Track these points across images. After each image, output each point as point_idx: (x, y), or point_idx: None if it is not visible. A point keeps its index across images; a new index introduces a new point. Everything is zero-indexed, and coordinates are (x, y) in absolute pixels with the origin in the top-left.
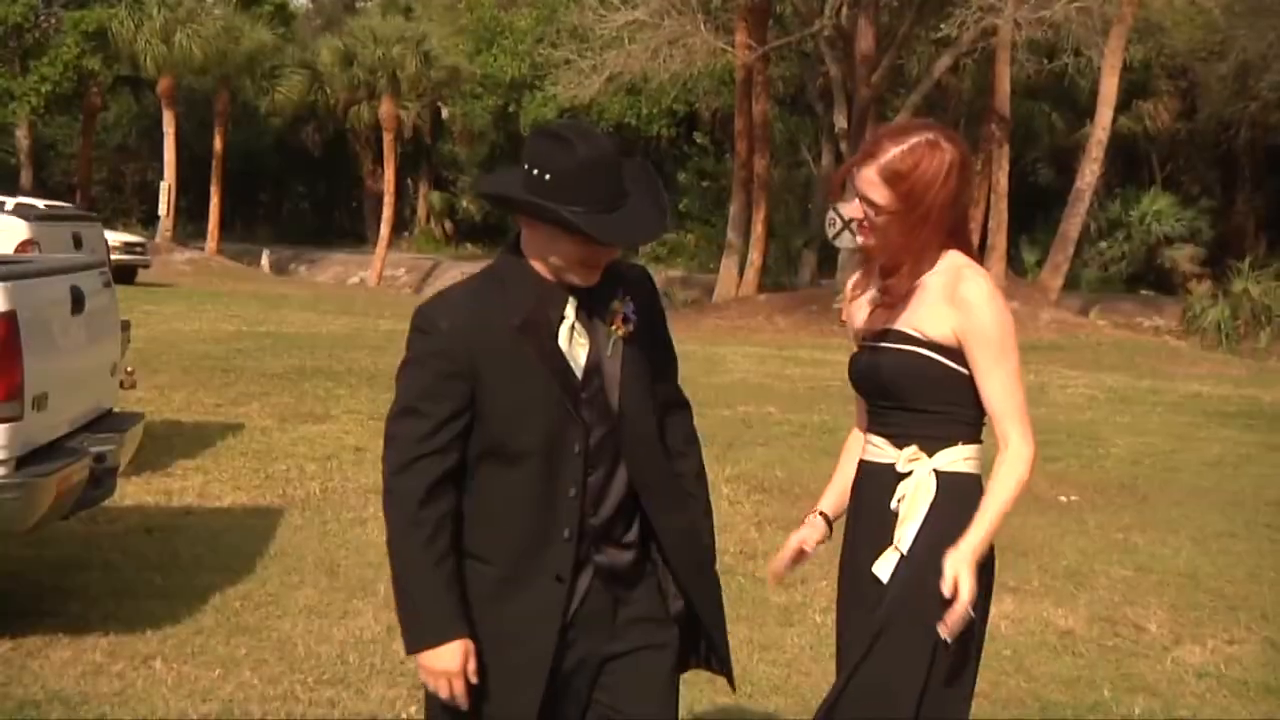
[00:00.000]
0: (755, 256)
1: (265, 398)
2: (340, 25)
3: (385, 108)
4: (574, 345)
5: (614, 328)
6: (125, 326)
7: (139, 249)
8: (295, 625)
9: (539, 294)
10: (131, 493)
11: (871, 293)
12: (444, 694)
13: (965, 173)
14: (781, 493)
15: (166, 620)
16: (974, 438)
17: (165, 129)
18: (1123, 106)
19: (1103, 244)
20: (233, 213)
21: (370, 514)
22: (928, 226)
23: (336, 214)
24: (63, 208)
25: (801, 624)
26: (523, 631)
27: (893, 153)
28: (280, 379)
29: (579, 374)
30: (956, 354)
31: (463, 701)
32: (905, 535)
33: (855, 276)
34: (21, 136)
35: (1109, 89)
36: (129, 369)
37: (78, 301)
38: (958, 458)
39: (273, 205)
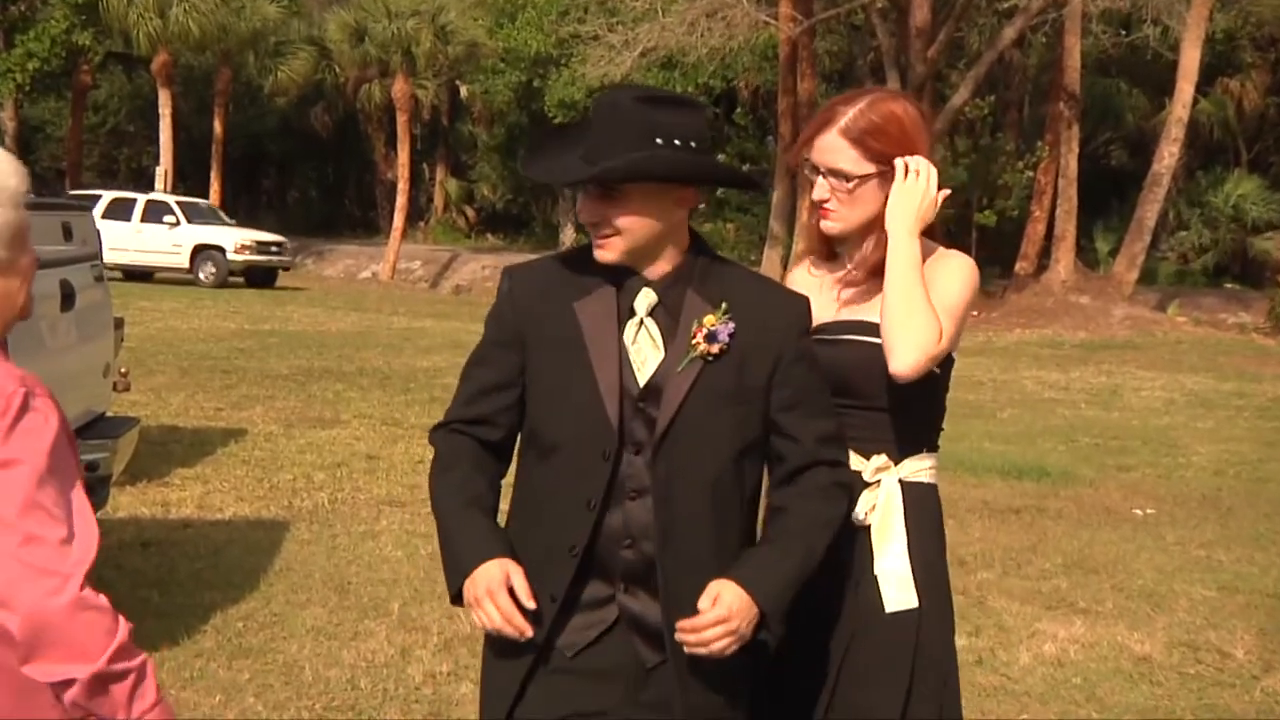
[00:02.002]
0: (801, 246)
1: (269, 401)
2: None
3: (399, 86)
4: (642, 345)
5: (695, 341)
6: (119, 324)
7: (274, 248)
8: (302, 647)
9: (614, 277)
10: (126, 504)
11: (827, 280)
12: (494, 621)
13: (932, 133)
14: None
15: (164, 641)
16: (936, 443)
17: (161, 110)
18: (1205, 82)
19: (1182, 233)
20: (234, 200)
21: (383, 527)
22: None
23: (346, 202)
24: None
25: None
26: (508, 650)
27: (851, 112)
28: (286, 381)
29: (640, 380)
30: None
31: (518, 624)
32: (891, 557)
33: (801, 267)
34: (6, 118)
35: (1190, 62)
36: (122, 370)
37: (67, 297)
38: (922, 467)
39: (277, 192)
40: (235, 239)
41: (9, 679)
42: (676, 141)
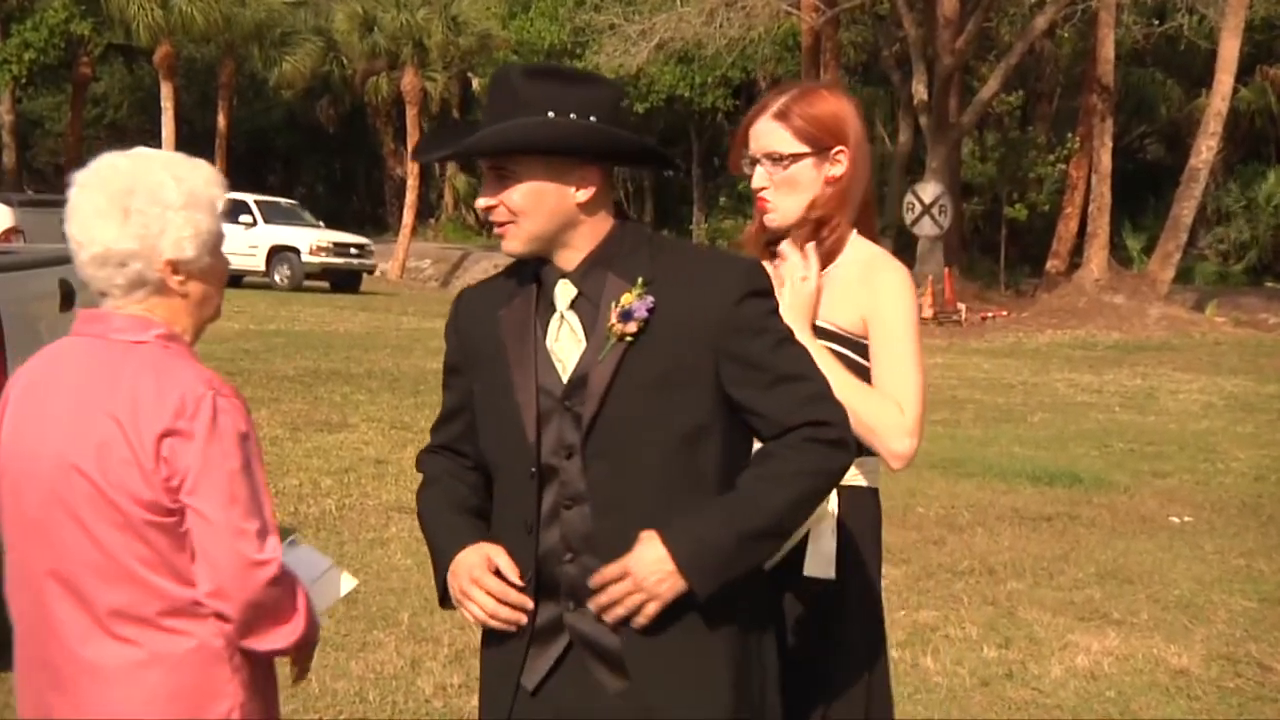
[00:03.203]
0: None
1: (275, 404)
2: None
3: (408, 79)
4: (564, 341)
5: (611, 325)
6: None
7: (354, 250)
8: None
9: (534, 276)
10: None
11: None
12: (486, 605)
13: (862, 124)
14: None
15: None
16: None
17: (163, 103)
18: (1244, 73)
19: (1221, 229)
20: None
21: (392, 534)
22: (848, 170)
23: (354, 198)
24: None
25: None
26: (492, 686)
27: (784, 98)
28: (292, 383)
29: (565, 378)
30: (865, 348)
31: (512, 599)
32: (820, 558)
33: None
34: (4, 112)
35: (1230, 53)
36: None
37: (67, 297)
38: (858, 470)
39: (283, 188)
40: (311, 240)
41: (201, 654)
42: (572, 115)
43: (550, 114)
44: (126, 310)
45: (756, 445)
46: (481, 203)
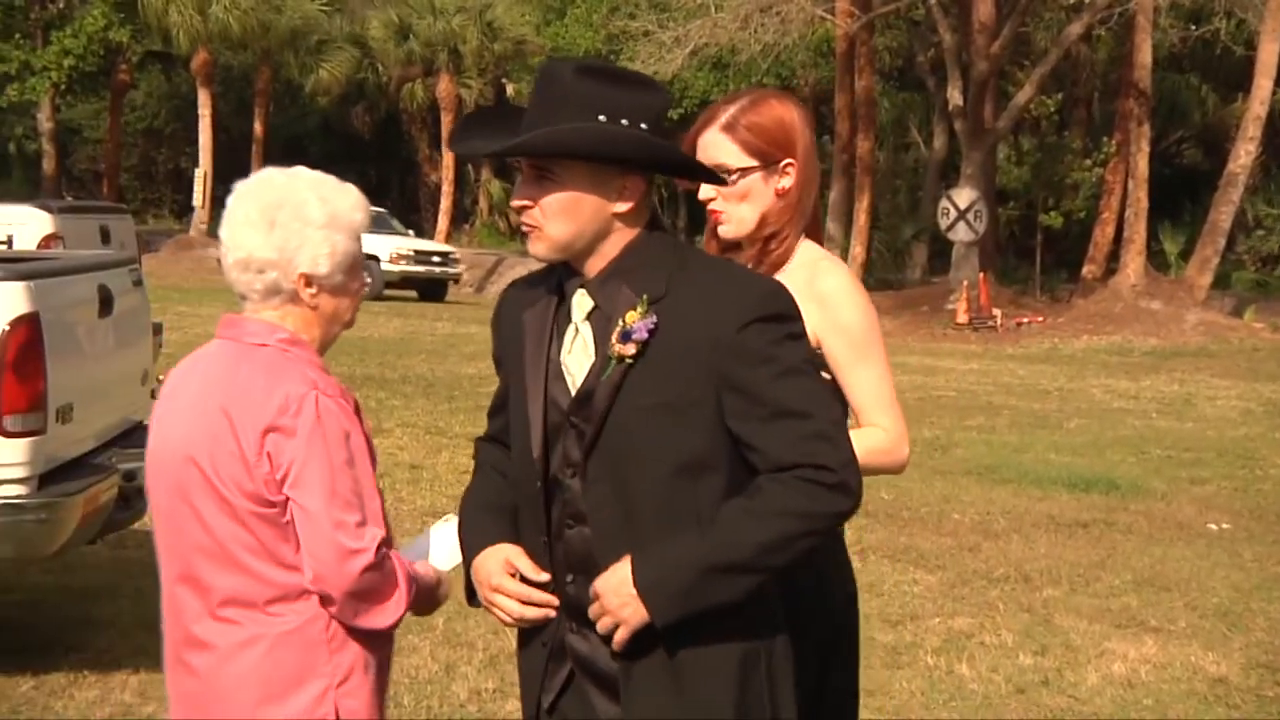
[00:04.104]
0: (857, 250)
1: None
2: None
3: (443, 86)
4: (577, 353)
5: (613, 344)
6: (157, 330)
7: (437, 258)
8: None
9: (566, 282)
10: None
11: None
12: (512, 610)
13: (812, 135)
14: (888, 517)
15: None
16: None
17: (200, 110)
18: None
19: (1259, 233)
20: None
21: None
22: (797, 182)
23: (389, 204)
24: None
25: (911, 666)
26: (524, 695)
27: (732, 109)
28: None
29: (574, 391)
30: (819, 359)
31: (537, 599)
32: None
33: None
34: (44, 119)
35: (1268, 56)
36: (161, 377)
37: (106, 302)
38: None
39: None
40: (391, 248)
41: (300, 635)
42: (624, 121)
43: (601, 117)
44: (260, 315)
45: None
46: (517, 201)
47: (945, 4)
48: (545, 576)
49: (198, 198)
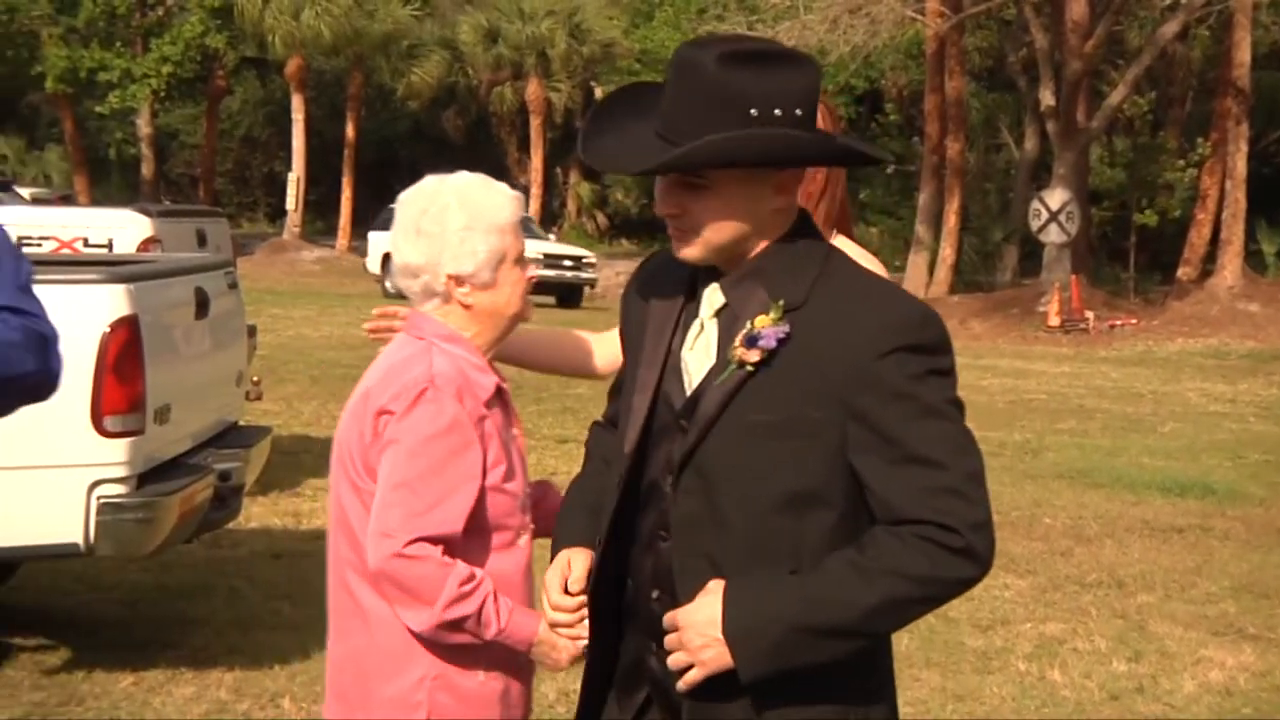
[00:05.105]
0: (947, 252)
1: None
2: None
3: (532, 89)
4: (699, 352)
5: (734, 347)
6: (251, 332)
7: (568, 263)
8: None
9: (700, 273)
10: (257, 514)
11: None
12: (544, 616)
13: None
14: None
15: (295, 655)
16: None
17: (294, 115)
18: None
19: None
20: (365, 206)
21: None
22: (819, 183)
23: None
24: None
25: (1002, 671)
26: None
27: None
28: None
29: (687, 392)
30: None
31: (560, 620)
32: None
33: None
34: (143, 125)
35: None
36: (255, 379)
37: (202, 305)
38: None
39: None
40: None
41: (383, 626)
42: (777, 111)
43: (753, 111)
44: (427, 313)
45: None
46: (666, 210)
47: (1038, 3)
48: (579, 587)
49: (291, 201)
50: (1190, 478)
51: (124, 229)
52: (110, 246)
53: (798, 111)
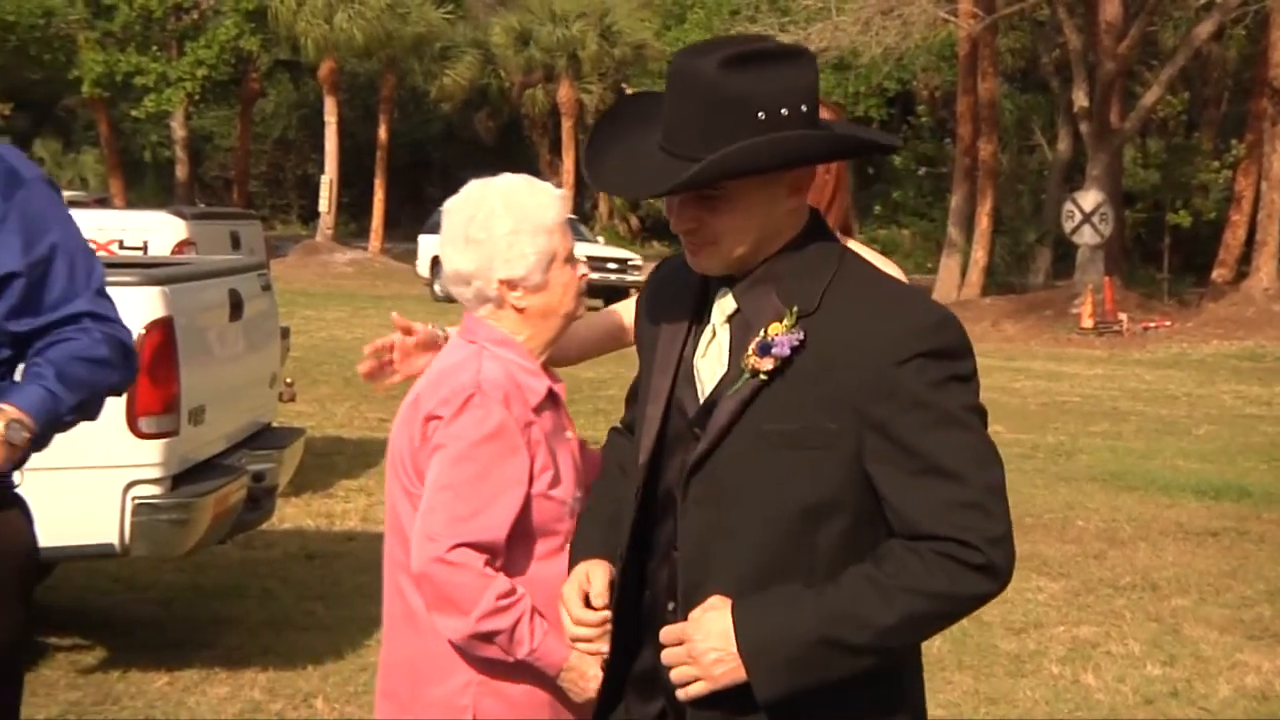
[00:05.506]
0: (980, 254)
1: None
2: (515, 1)
3: (564, 91)
4: (711, 359)
5: (747, 356)
6: (285, 334)
7: (612, 265)
8: None
9: (711, 277)
10: (290, 515)
11: None
12: (566, 631)
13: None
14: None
15: (329, 655)
16: None
17: (327, 117)
18: None
19: None
20: (398, 208)
21: None
22: (829, 188)
23: None
24: None
25: (1035, 675)
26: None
27: None
28: None
29: (700, 399)
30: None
31: (575, 631)
32: None
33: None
34: (177, 128)
35: None
36: (288, 380)
37: (236, 307)
38: None
39: (441, 200)
40: None
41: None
42: (784, 111)
43: (760, 115)
44: (480, 318)
45: None
46: (680, 226)
47: (1071, 4)
48: (601, 602)
49: (324, 203)
50: (1225, 480)
51: (159, 231)
52: (145, 249)
53: (803, 108)
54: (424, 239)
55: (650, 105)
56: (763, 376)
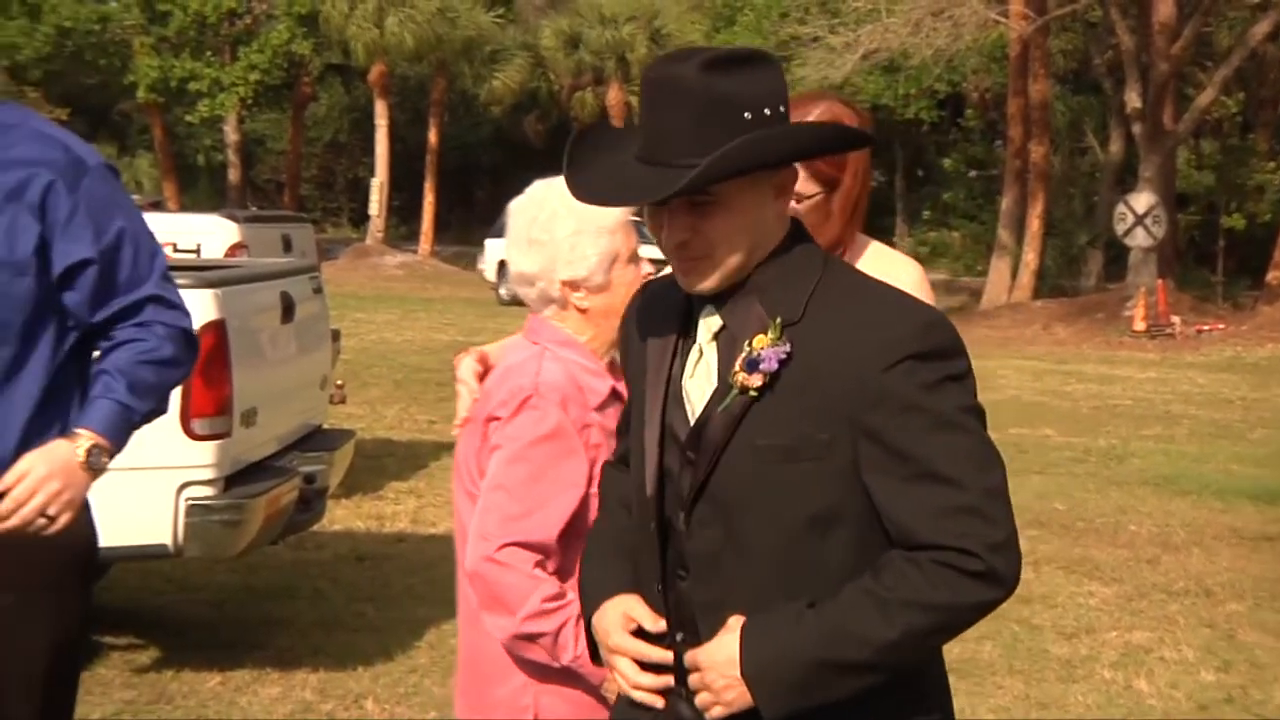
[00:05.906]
0: (1030, 256)
1: None
2: (564, 4)
3: (613, 94)
4: (699, 379)
5: (734, 373)
6: (335, 336)
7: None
8: None
9: (694, 296)
10: (341, 517)
11: None
12: (628, 676)
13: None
14: (1062, 528)
15: (378, 656)
16: None
17: (377, 121)
18: None
19: None
20: (448, 211)
21: None
22: (850, 191)
23: None
24: None
25: (1087, 680)
26: None
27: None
28: None
29: (690, 421)
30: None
31: (645, 680)
32: None
33: None
34: (230, 131)
35: None
36: (339, 382)
37: (288, 309)
38: None
39: (491, 203)
40: None
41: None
42: (766, 111)
43: (746, 114)
44: (545, 318)
45: None
46: (674, 238)
47: (1124, 4)
48: (663, 625)
49: (374, 207)
50: None
51: (212, 234)
52: (198, 251)
53: (782, 109)
54: (490, 243)
55: (603, 136)
56: (752, 393)
